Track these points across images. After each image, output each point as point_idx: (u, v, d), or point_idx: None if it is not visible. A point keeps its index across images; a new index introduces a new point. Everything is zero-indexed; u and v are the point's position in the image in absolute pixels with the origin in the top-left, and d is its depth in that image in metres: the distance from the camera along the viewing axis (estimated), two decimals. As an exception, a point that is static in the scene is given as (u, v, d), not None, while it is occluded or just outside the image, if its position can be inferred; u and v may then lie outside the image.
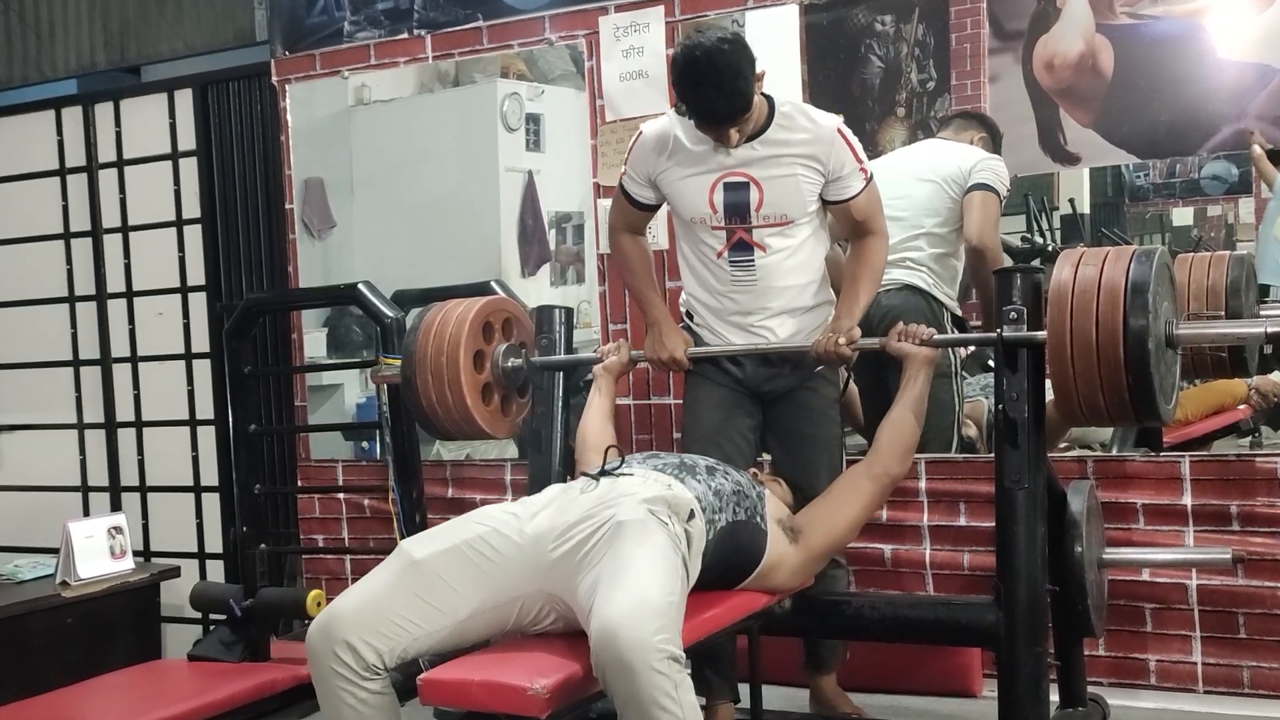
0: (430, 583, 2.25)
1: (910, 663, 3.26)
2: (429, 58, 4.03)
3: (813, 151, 2.74)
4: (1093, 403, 2.33)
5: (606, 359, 3.01)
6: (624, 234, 2.99)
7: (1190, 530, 3.14)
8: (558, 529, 2.29)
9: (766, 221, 2.77)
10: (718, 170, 2.76)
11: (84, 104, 4.72)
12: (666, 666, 2.01)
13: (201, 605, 3.63)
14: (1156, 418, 2.36)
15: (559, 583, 2.26)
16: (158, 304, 4.64)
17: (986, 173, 3.28)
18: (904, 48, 3.50)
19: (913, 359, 2.74)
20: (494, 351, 3.03)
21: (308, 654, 2.22)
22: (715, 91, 2.59)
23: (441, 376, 2.90)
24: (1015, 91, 3.37)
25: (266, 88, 4.32)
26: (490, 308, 3.02)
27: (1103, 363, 2.28)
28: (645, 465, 2.49)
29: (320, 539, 4.22)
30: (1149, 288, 2.28)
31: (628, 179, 2.92)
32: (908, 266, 3.30)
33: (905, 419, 2.72)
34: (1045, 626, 2.58)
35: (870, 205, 2.82)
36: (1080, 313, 2.31)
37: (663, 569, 2.18)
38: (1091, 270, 2.32)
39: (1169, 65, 3.19)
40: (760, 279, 2.81)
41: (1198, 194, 3.51)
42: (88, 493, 4.82)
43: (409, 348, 2.96)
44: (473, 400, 2.93)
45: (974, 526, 3.32)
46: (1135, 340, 2.27)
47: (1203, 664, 3.14)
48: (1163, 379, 2.33)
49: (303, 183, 4.28)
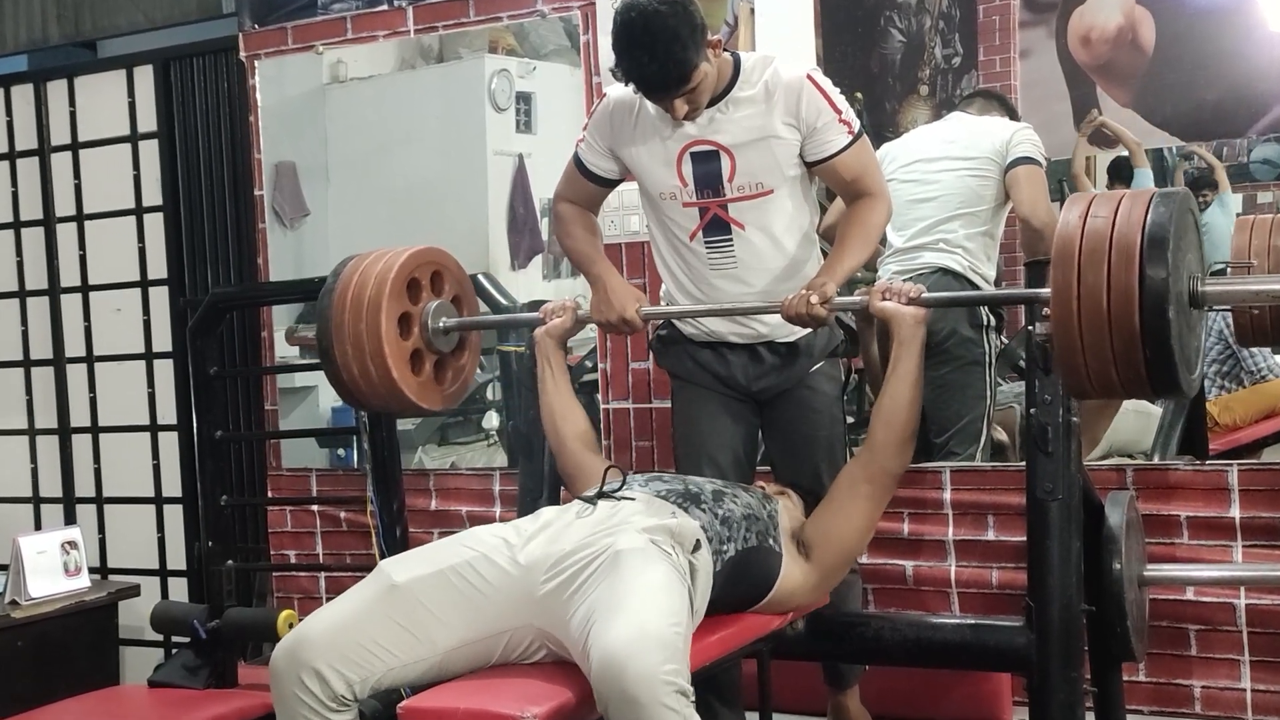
0: (410, 609, 2.25)
1: (934, 688, 3.26)
2: (410, 31, 4.03)
3: (782, 105, 2.67)
4: (1103, 374, 2.19)
5: (548, 320, 2.86)
6: (567, 203, 2.91)
7: (1238, 545, 3.13)
8: (551, 558, 2.29)
9: (742, 193, 2.71)
10: (684, 139, 2.71)
11: (35, 82, 4.71)
12: (675, 701, 2.01)
13: (163, 627, 3.62)
14: (1176, 391, 2.22)
15: (550, 618, 2.25)
16: (116, 299, 4.64)
17: (1025, 145, 3.30)
18: (927, 20, 3.51)
19: (900, 321, 2.58)
20: (422, 311, 2.86)
21: (271, 679, 2.23)
22: (648, 56, 2.52)
23: (362, 347, 2.74)
24: (1048, 68, 3.38)
25: (234, 64, 4.31)
26: (416, 260, 2.84)
27: (1115, 330, 2.14)
28: (648, 489, 2.48)
29: (292, 554, 4.21)
30: (1169, 239, 2.11)
31: (585, 146, 2.85)
32: (941, 249, 3.32)
33: (897, 402, 2.59)
34: (1081, 650, 2.57)
35: (861, 163, 2.73)
36: (1089, 269, 2.14)
37: (666, 597, 2.17)
38: (1102, 221, 2.16)
39: (1215, 39, 3.19)
40: (740, 260, 2.76)
41: (1247, 179, 3.51)
42: (39, 504, 4.82)
43: (324, 313, 2.80)
44: (400, 372, 2.78)
45: (1003, 541, 3.31)
46: (1153, 303, 2.10)
47: (1252, 690, 3.13)
48: (1184, 345, 2.20)
49: (273, 167, 4.28)
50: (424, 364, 2.89)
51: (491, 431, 4.15)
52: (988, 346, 3.33)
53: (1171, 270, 2.10)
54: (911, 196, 3.40)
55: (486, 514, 3.81)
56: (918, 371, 2.60)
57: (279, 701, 2.22)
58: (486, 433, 4.16)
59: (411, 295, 2.84)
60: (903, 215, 3.40)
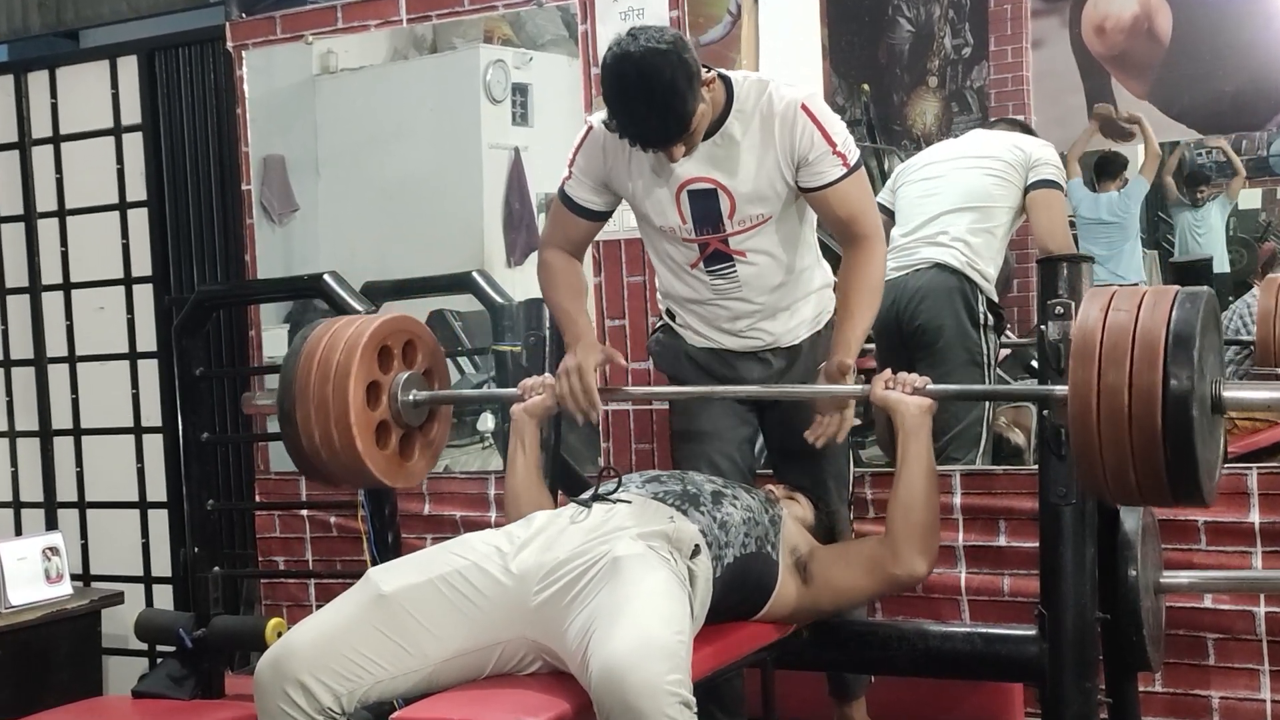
0: (399, 620, 2.24)
1: (944, 699, 3.24)
2: (403, 20, 4.02)
3: (777, 136, 2.63)
4: (1122, 478, 2.15)
5: (528, 397, 2.75)
6: (555, 250, 2.84)
7: (1258, 551, 3.12)
8: (544, 567, 2.28)
9: (742, 226, 2.70)
10: (681, 176, 2.67)
11: (16, 73, 4.70)
12: (678, 712, 2.01)
13: (148, 635, 3.63)
14: (1198, 499, 2.18)
15: (544, 629, 2.24)
16: (98, 297, 4.63)
17: (1049, 167, 3.33)
18: (936, 9, 3.51)
19: (905, 411, 2.50)
20: (392, 381, 2.76)
21: (255, 690, 2.23)
22: (645, 109, 2.48)
23: (326, 411, 2.65)
24: (1062, 58, 3.38)
25: (220, 54, 4.30)
26: (389, 328, 2.77)
27: (1136, 430, 2.09)
28: (644, 491, 2.47)
29: (281, 561, 4.20)
30: (1195, 340, 2.07)
31: (573, 183, 2.78)
32: (939, 243, 3.32)
33: (914, 500, 2.51)
34: (1095, 659, 2.57)
35: (856, 199, 2.67)
36: (1110, 366, 2.10)
37: (668, 604, 2.17)
38: (1125, 315, 2.13)
39: (1234, 29, 3.19)
40: (744, 284, 2.76)
41: (1266, 173, 3.51)
42: (20, 509, 4.81)
43: (288, 373, 2.71)
44: (364, 443, 2.67)
45: (1015, 547, 3.30)
46: (1176, 405, 2.06)
47: (1272, 701, 3.12)
48: (1207, 452, 2.16)
49: (261, 161, 4.27)
50: (390, 437, 2.78)
51: (486, 434, 4.14)
52: (987, 347, 3.32)
53: (1196, 372, 2.07)
54: (919, 194, 3.41)
55: (481, 519, 3.80)
56: (929, 462, 2.52)
57: (264, 715, 2.21)
58: (481, 435, 4.15)
59: (382, 364, 2.75)
60: (907, 212, 3.40)
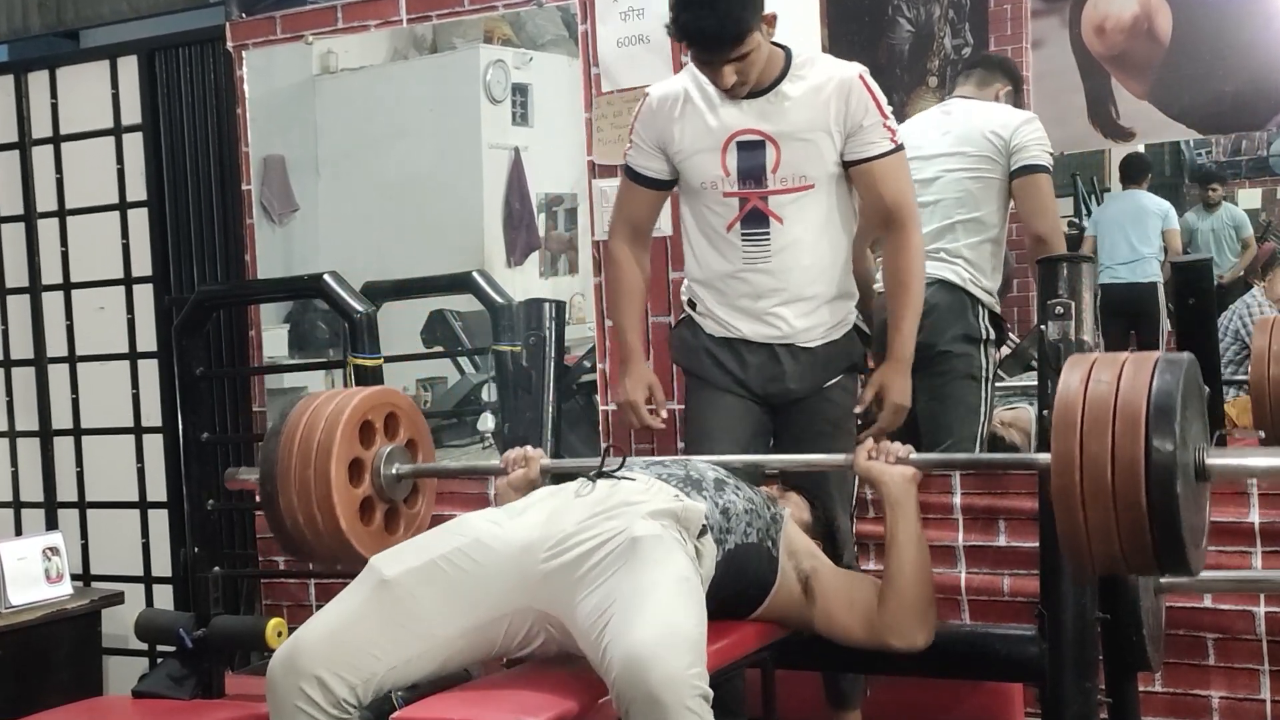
0: (404, 604, 2.26)
1: (943, 699, 3.25)
2: (403, 20, 4.03)
3: (831, 99, 2.78)
4: (1107, 549, 2.12)
5: (511, 470, 2.76)
6: (625, 243, 3.03)
7: (1258, 551, 3.13)
8: (552, 538, 2.29)
9: (784, 185, 2.80)
10: (730, 128, 2.81)
11: (16, 73, 4.72)
12: (699, 705, 2.03)
13: (148, 635, 3.63)
14: (1185, 570, 2.15)
15: (553, 599, 2.26)
16: (99, 297, 4.64)
17: (1033, 149, 3.27)
18: (936, 9, 3.52)
19: (890, 482, 2.48)
20: (375, 456, 2.77)
21: (268, 690, 2.23)
22: (707, 10, 2.63)
23: (309, 494, 2.65)
24: (1062, 58, 3.38)
25: (221, 54, 4.32)
26: (369, 402, 2.77)
27: (1120, 503, 2.07)
28: (648, 472, 2.49)
29: (281, 561, 4.21)
30: (1176, 409, 2.04)
31: (635, 151, 2.95)
32: (942, 259, 3.31)
33: (907, 580, 2.48)
34: (1095, 660, 2.58)
35: (900, 178, 2.83)
36: (1092, 437, 2.07)
37: (689, 594, 2.19)
38: (1105, 386, 2.09)
39: (1234, 29, 3.20)
40: (775, 254, 2.83)
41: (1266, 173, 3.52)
42: (20, 509, 4.82)
43: (269, 456, 2.72)
44: (348, 522, 2.68)
45: (1015, 547, 3.32)
46: (1160, 477, 2.02)
47: (1272, 701, 3.14)
48: (1192, 521, 2.11)
49: (261, 161, 4.29)
50: (374, 513, 2.79)
51: (487, 434, 4.15)
52: (985, 362, 3.31)
53: (1179, 442, 2.04)
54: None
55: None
56: (917, 532, 2.50)
57: (277, 714, 2.21)
58: (482, 435, 4.16)
59: (364, 439, 2.75)
60: None
